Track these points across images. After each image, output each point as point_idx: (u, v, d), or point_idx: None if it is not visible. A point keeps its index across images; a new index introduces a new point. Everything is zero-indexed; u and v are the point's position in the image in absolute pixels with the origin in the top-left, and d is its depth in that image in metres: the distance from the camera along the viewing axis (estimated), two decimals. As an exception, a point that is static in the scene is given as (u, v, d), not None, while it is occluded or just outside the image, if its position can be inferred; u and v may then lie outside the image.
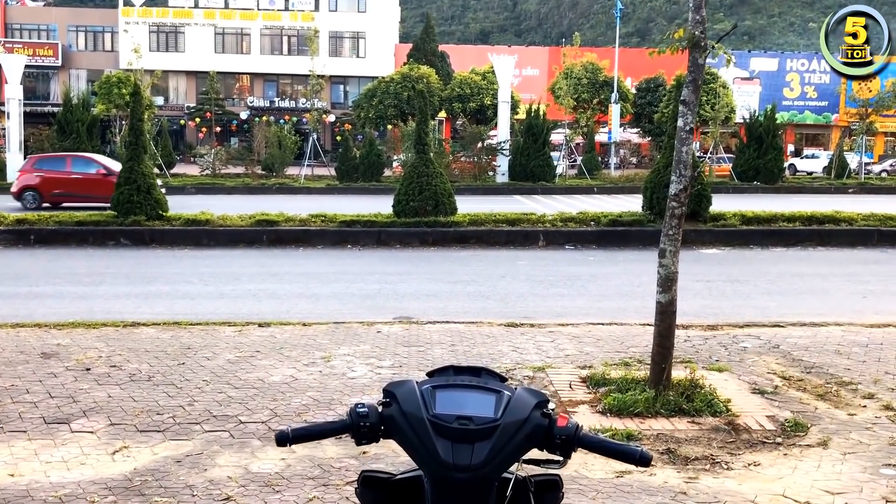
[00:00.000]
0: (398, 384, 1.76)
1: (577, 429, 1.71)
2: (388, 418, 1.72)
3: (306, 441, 1.78)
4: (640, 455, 1.69)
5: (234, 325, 8.15)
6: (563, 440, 1.69)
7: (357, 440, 1.73)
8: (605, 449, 1.72)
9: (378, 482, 1.79)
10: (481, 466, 1.63)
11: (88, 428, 5.14)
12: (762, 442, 5.04)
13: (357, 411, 1.73)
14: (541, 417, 1.71)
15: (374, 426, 1.72)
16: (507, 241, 14.99)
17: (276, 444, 1.77)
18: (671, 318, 5.71)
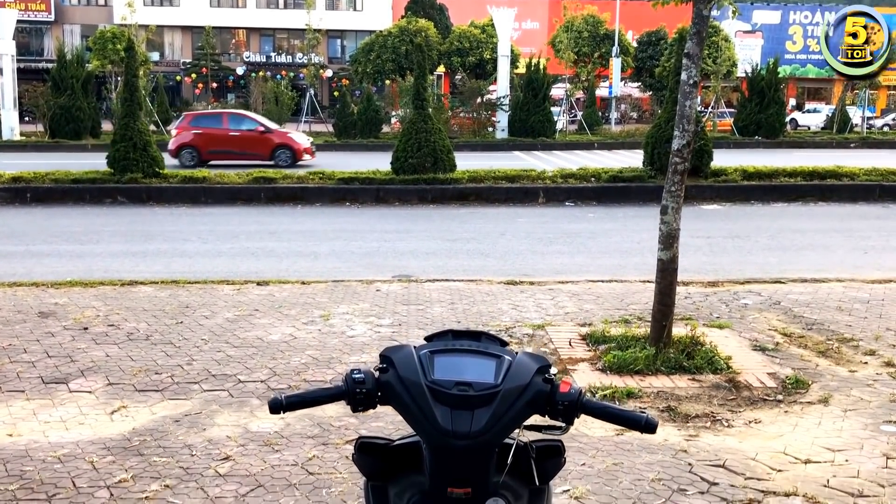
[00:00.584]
0: (395, 349, 1.71)
1: (579, 394, 1.66)
2: (385, 384, 1.66)
3: (300, 408, 1.73)
4: (645, 421, 1.64)
5: (233, 283, 8.11)
6: (566, 406, 1.64)
7: (353, 407, 1.68)
8: (608, 415, 1.67)
9: (375, 448, 1.75)
10: (481, 433, 1.58)
11: (86, 388, 5.11)
12: (763, 399, 5.03)
13: (353, 377, 1.67)
14: (542, 383, 1.65)
15: (370, 392, 1.67)
16: (506, 199, 14.90)
17: (269, 412, 1.72)
18: (672, 275, 5.66)
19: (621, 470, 3.95)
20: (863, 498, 3.69)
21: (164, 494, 3.66)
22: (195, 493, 3.68)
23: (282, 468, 3.94)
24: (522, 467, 1.70)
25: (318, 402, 1.72)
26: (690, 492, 3.71)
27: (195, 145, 21.85)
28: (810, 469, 4.01)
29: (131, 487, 3.73)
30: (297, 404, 1.71)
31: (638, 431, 1.66)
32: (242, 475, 3.86)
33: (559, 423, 1.67)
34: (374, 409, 1.69)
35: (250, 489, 3.72)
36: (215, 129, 22.25)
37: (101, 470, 3.92)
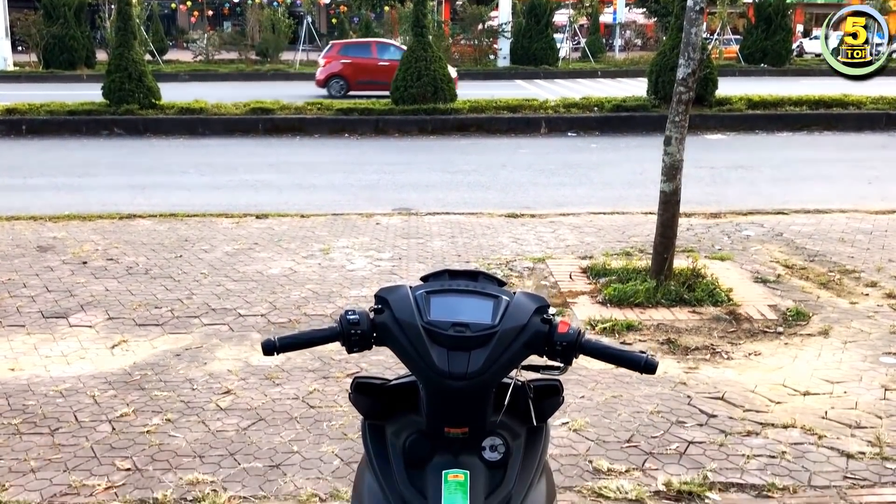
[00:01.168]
0: (390, 290, 1.67)
1: (578, 335, 1.62)
2: (381, 325, 1.63)
3: (294, 350, 1.70)
4: (645, 362, 1.61)
5: (232, 216, 8.07)
6: (564, 347, 1.61)
7: (348, 348, 1.65)
8: (608, 355, 1.64)
9: (372, 388, 1.72)
10: (478, 374, 1.55)
11: (87, 322, 5.12)
12: (763, 331, 5.03)
13: (347, 318, 1.64)
14: (541, 323, 1.62)
15: (365, 334, 1.63)
16: (508, 129, 14.72)
17: (262, 354, 1.69)
18: (675, 207, 5.60)
19: (620, 402, 3.96)
20: (860, 429, 3.71)
21: (166, 428, 3.68)
22: (196, 426, 3.70)
23: (283, 402, 3.96)
24: (520, 406, 1.68)
25: (313, 344, 1.69)
26: (689, 424, 3.73)
27: (344, 75, 21.35)
28: (809, 401, 4.03)
29: (133, 421, 3.75)
30: (291, 346, 1.68)
31: (638, 372, 1.63)
32: (243, 409, 3.88)
33: (558, 363, 1.65)
34: (369, 350, 1.66)
35: (251, 423, 3.74)
36: (364, 59, 21.64)
37: (103, 404, 3.95)
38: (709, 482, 3.20)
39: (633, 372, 1.65)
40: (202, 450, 3.48)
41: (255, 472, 3.30)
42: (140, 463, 3.37)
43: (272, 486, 3.19)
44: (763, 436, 3.62)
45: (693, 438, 3.58)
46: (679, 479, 3.22)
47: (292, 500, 3.09)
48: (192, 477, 3.24)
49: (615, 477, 3.24)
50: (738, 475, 3.27)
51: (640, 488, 3.14)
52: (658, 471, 3.30)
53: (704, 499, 3.10)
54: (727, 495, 3.14)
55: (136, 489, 3.17)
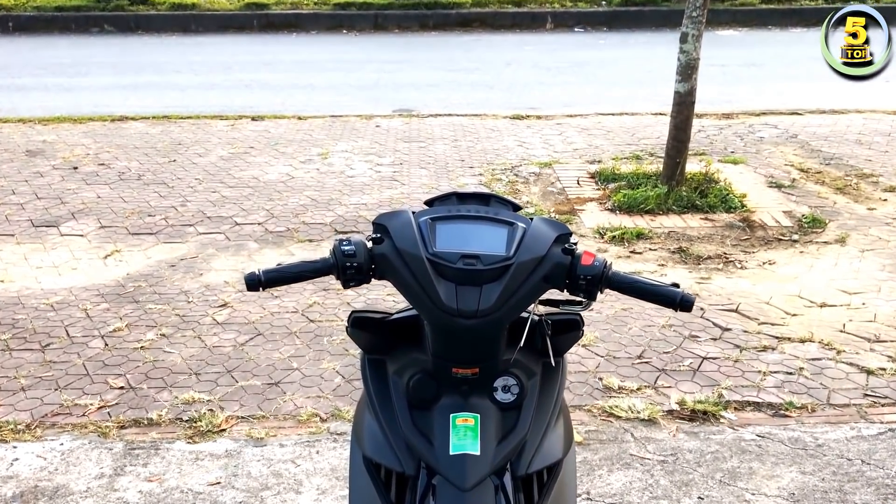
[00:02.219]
0: (391, 216, 1.48)
1: (604, 267, 1.44)
2: (380, 257, 1.44)
3: (282, 285, 1.52)
4: (681, 298, 1.43)
5: (227, 118, 7.79)
6: (588, 280, 1.43)
7: (344, 283, 1.47)
8: (638, 290, 1.45)
9: (371, 323, 1.56)
10: (490, 312, 1.38)
11: (78, 231, 4.95)
12: (778, 239, 4.86)
13: (342, 249, 1.45)
14: (562, 254, 1.43)
15: (362, 266, 1.44)
16: (512, 24, 14.16)
17: (246, 289, 1.52)
18: (689, 109, 5.33)
19: (630, 315, 3.83)
20: (879, 343, 3.58)
21: (160, 344, 3.56)
22: (192, 342, 3.58)
23: (282, 315, 3.83)
24: (536, 342, 1.51)
25: (303, 278, 1.50)
26: (702, 338, 3.60)
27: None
28: (826, 313, 3.89)
29: (126, 336, 3.63)
30: (278, 280, 1.50)
31: (672, 309, 1.46)
32: (241, 323, 3.75)
33: (580, 297, 1.47)
34: (367, 284, 1.49)
35: (249, 337, 3.61)
36: None
37: (95, 318, 3.81)
38: (724, 401, 3.09)
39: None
40: (198, 367, 3.36)
41: (254, 390, 3.19)
42: (134, 381, 3.26)
43: (271, 405, 3.09)
44: (779, 351, 3.50)
45: (707, 354, 3.46)
46: (693, 397, 3.10)
47: (292, 420, 2.99)
48: (188, 396, 3.13)
49: (626, 395, 3.12)
50: (754, 393, 3.15)
51: (653, 407, 3.03)
52: (671, 388, 3.18)
53: (720, 418, 2.99)
54: (743, 414, 3.03)
55: (130, 409, 3.07)
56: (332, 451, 2.80)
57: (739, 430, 2.92)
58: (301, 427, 2.95)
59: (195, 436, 2.89)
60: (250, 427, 2.94)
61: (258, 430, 2.91)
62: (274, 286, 1.51)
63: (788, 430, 2.92)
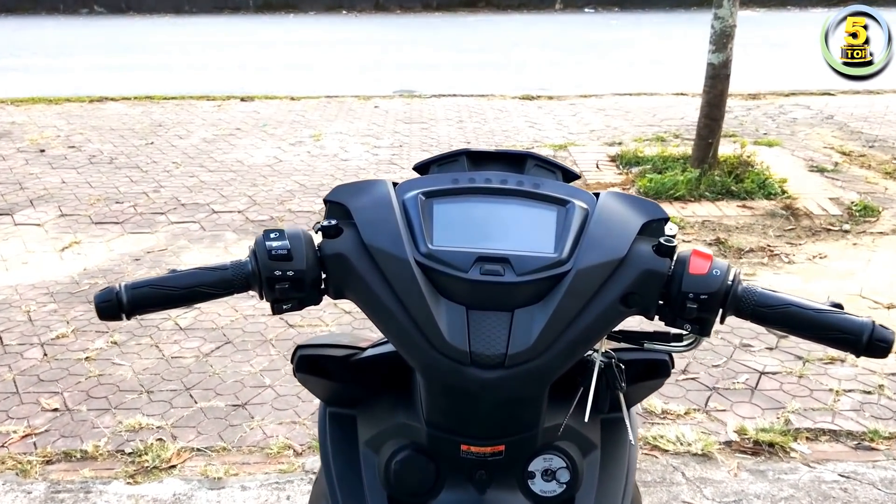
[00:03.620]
0: (355, 188, 0.90)
1: (731, 280, 0.86)
2: (334, 260, 0.86)
3: (157, 309, 0.94)
4: (870, 336, 0.84)
5: (214, 98, 7.22)
6: (702, 303, 0.84)
7: (273, 304, 0.88)
8: (792, 320, 0.86)
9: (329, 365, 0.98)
10: (528, 358, 0.80)
11: (34, 220, 4.38)
12: (826, 229, 4.27)
13: (268, 248, 0.86)
14: (654, 255, 0.85)
15: (302, 277, 0.86)
16: (520, 4, 13.55)
17: (98, 317, 0.94)
18: (724, 83, 4.74)
19: (668, 319, 3.24)
20: (967, 354, 2.99)
21: (110, 353, 2.99)
22: (147, 351, 3.00)
23: (256, 319, 3.25)
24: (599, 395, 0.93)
25: (198, 298, 0.91)
26: (756, 347, 3.02)
27: None
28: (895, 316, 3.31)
29: (70, 345, 3.05)
30: (152, 301, 0.91)
31: (853, 353, 0.87)
32: (207, 328, 3.18)
33: (683, 330, 0.88)
34: (316, 306, 0.90)
35: (215, 346, 3.04)
36: None
37: (38, 322, 3.24)
38: (793, 428, 2.51)
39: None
40: (151, 383, 2.79)
41: (215, 413, 2.62)
42: (72, 401, 2.69)
43: (234, 433, 2.51)
44: (850, 363, 2.91)
45: (764, 367, 2.87)
46: (754, 423, 2.52)
47: (259, 454, 2.41)
48: (134, 421, 2.55)
49: (672, 421, 2.54)
50: (828, 418, 2.57)
51: (707, 437, 2.45)
52: (726, 412, 2.60)
53: (790, 452, 2.41)
54: (818, 446, 2.45)
55: (62, 437, 2.50)
56: (306, 497, 2.23)
57: (816, 468, 2.34)
58: (270, 463, 2.37)
59: (137, 474, 2.32)
60: (207, 463, 2.37)
61: (216, 468, 2.34)
62: (146, 310, 0.93)
63: (879, 469, 2.34)
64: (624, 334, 0.94)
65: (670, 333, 0.93)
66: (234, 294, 0.90)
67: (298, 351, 0.98)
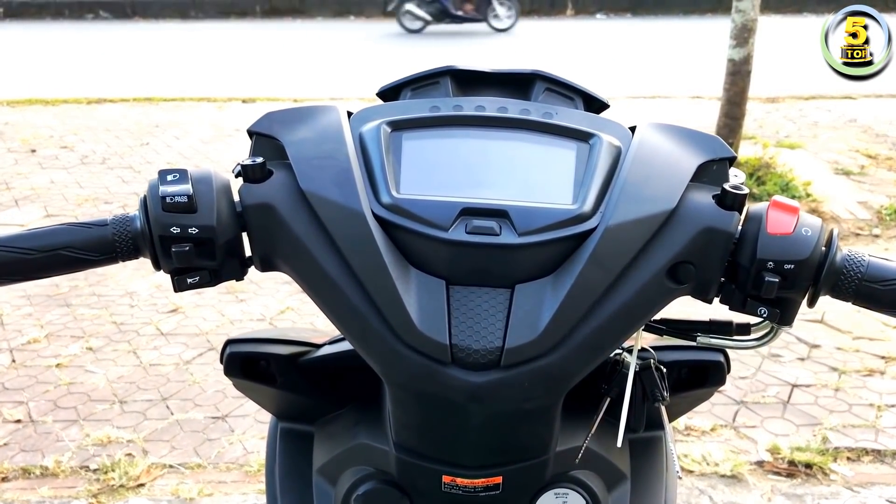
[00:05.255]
0: (293, 115, 0.66)
1: (829, 244, 0.61)
2: (259, 213, 0.62)
3: (18, 279, 0.70)
4: None
5: (214, 100, 7.02)
6: (788, 274, 0.59)
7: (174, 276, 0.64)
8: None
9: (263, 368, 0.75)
10: (534, 354, 0.56)
11: (18, 220, 4.17)
12: (856, 234, 4.02)
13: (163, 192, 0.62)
14: (719, 209, 0.60)
15: (210, 235, 0.62)
16: (531, 10, 13.35)
17: None
18: (745, 80, 4.51)
19: (689, 327, 3.00)
20: None
21: (83, 360, 2.76)
22: (124, 358, 2.77)
23: (243, 324, 3.02)
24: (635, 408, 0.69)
25: (54, 267, 0.68)
26: (786, 358, 2.76)
27: None
28: (936, 325, 3.05)
29: (42, 350, 2.83)
30: (9, 262, 0.68)
31: None
32: (190, 334, 2.95)
33: (758, 316, 0.63)
34: (237, 281, 0.67)
35: (198, 353, 2.80)
36: None
37: (10, 326, 3.02)
38: (831, 447, 2.25)
39: None
40: (125, 392, 2.56)
41: (192, 426, 2.38)
42: (37, 411, 2.46)
43: (212, 448, 2.27)
44: (891, 375, 2.66)
45: (796, 379, 2.62)
46: (788, 441, 2.27)
47: (237, 471, 2.18)
48: (102, 434, 2.32)
49: (697, 438, 2.29)
50: (870, 436, 2.31)
51: (736, 457, 2.19)
52: (756, 429, 2.35)
53: (829, 474, 2.15)
54: (860, 468, 2.19)
55: (23, 451, 2.27)
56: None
57: (861, 493, 2.09)
58: (248, 481, 2.13)
59: (101, 493, 2.09)
60: (179, 481, 2.14)
61: (189, 486, 2.11)
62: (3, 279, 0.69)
63: (931, 494, 2.08)
64: (669, 324, 0.70)
65: (733, 324, 0.69)
66: (117, 261, 0.67)
67: (228, 347, 0.75)
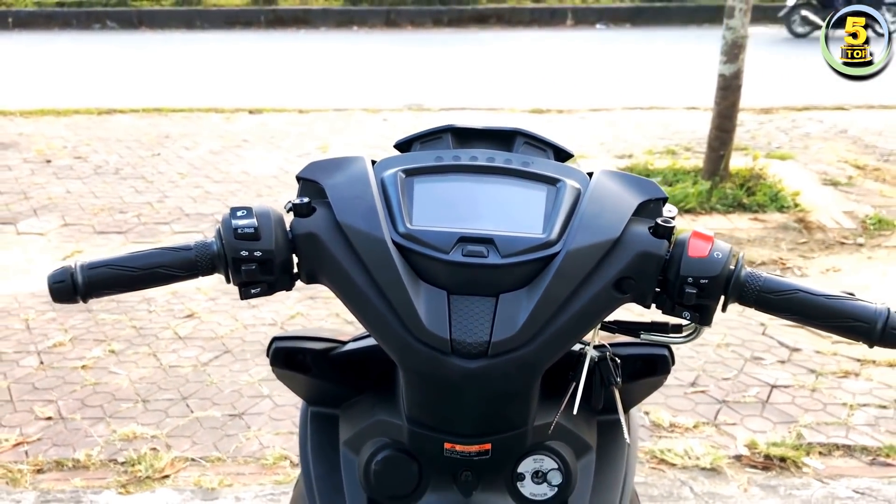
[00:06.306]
0: (331, 164, 0.85)
1: (734, 264, 0.81)
2: (306, 240, 0.81)
3: (115, 291, 0.89)
4: (886, 322, 0.79)
5: (222, 111, 7.21)
6: (702, 288, 0.79)
7: (241, 288, 0.84)
8: (800, 306, 0.81)
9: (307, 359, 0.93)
10: (514, 346, 0.75)
11: (38, 229, 4.35)
12: (840, 243, 4.20)
13: (234, 226, 0.82)
14: (651, 237, 0.80)
15: (271, 258, 0.81)
16: (531, 21, 13.55)
17: (52, 300, 0.90)
18: (735, 94, 4.69)
19: (677, 331, 3.17)
20: None
21: (106, 362, 2.94)
22: (145, 360, 2.95)
23: (256, 329, 3.20)
24: (593, 393, 0.87)
25: (158, 280, 0.87)
26: (768, 361, 2.94)
27: None
28: (912, 330, 3.22)
29: (67, 353, 3.01)
30: (109, 282, 0.86)
31: (865, 343, 0.81)
32: (206, 338, 3.13)
33: (682, 319, 0.82)
34: (287, 291, 0.85)
35: (214, 356, 2.98)
36: None
37: (36, 330, 3.20)
38: (805, 443, 2.43)
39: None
40: (147, 392, 2.74)
41: (211, 423, 2.56)
42: (66, 409, 2.64)
43: (230, 443, 2.45)
44: (865, 377, 2.83)
45: (776, 381, 2.79)
46: (765, 438, 2.44)
47: (254, 464, 2.35)
48: (128, 430, 2.50)
49: (681, 434, 2.47)
50: (842, 433, 2.49)
51: (716, 451, 2.37)
52: (736, 426, 2.52)
53: (802, 467, 2.33)
54: (831, 461, 2.37)
55: (55, 445, 2.45)
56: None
57: (830, 484, 2.26)
58: (265, 473, 2.31)
59: (130, 483, 2.26)
60: (201, 473, 2.31)
61: (210, 478, 2.28)
62: (103, 292, 0.87)
63: (894, 485, 2.25)
64: (619, 325, 0.89)
65: (669, 324, 0.88)
66: (198, 277, 0.85)
67: (274, 343, 0.93)
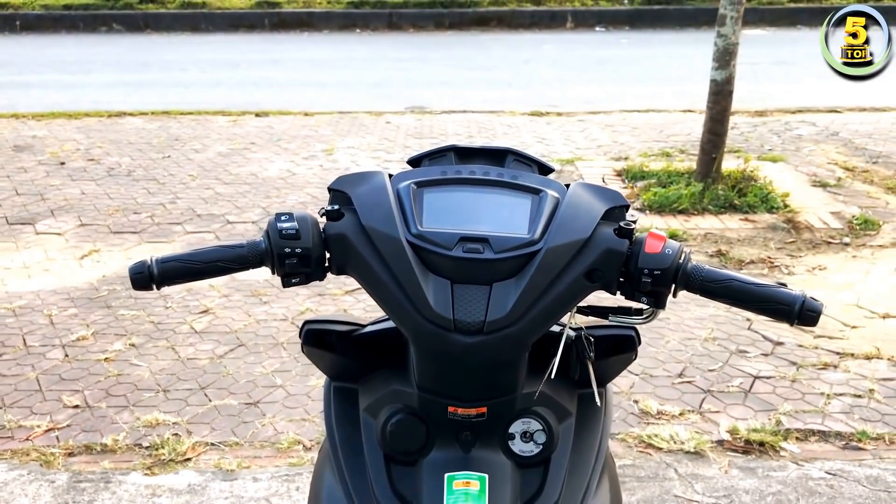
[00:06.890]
0: (355, 178, 1.02)
1: (681, 258, 0.98)
2: (337, 240, 0.98)
3: (184, 280, 1.07)
4: (802, 305, 0.97)
5: (229, 114, 7.38)
6: (656, 278, 0.96)
7: (283, 278, 1.02)
8: (734, 293, 0.98)
9: (333, 339, 1.10)
10: (504, 325, 0.92)
11: (55, 229, 4.53)
12: (827, 242, 4.36)
13: (279, 228, 1.00)
14: (615, 237, 0.97)
15: (309, 254, 0.99)
16: (531, 23, 13.71)
17: (133, 287, 1.08)
18: (727, 99, 4.86)
19: (667, 327, 3.35)
20: (958, 361, 3.08)
21: (128, 355, 3.12)
22: (164, 353, 3.13)
23: (269, 324, 3.38)
24: (572, 368, 1.05)
25: (218, 271, 1.06)
26: (752, 354, 3.11)
27: None
28: (891, 325, 3.40)
29: (90, 346, 3.18)
30: (180, 273, 1.05)
31: (786, 322, 0.99)
32: (221, 332, 3.30)
33: (642, 304, 1.00)
34: (320, 281, 1.03)
35: (229, 349, 3.16)
36: None
37: (59, 325, 3.38)
38: (783, 429, 2.60)
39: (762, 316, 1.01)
40: (167, 382, 2.91)
41: (228, 410, 2.74)
42: (92, 398, 2.81)
43: (247, 429, 2.63)
44: (843, 369, 3.00)
45: (759, 372, 2.97)
46: (746, 424, 2.62)
47: (270, 448, 2.53)
48: (151, 417, 2.68)
49: (667, 421, 2.64)
50: (818, 420, 2.66)
51: (700, 437, 2.54)
52: (719, 413, 2.70)
53: (780, 451, 2.50)
54: (807, 446, 2.54)
55: (83, 431, 2.62)
56: (314, 488, 2.34)
57: (805, 466, 2.43)
58: (280, 457, 2.49)
59: (154, 466, 2.44)
60: (220, 456, 2.49)
61: (229, 461, 2.46)
62: (173, 282, 1.06)
63: (865, 467, 2.43)
64: (591, 309, 1.06)
65: (632, 308, 1.05)
66: (249, 269, 1.03)
67: (306, 326, 1.10)
